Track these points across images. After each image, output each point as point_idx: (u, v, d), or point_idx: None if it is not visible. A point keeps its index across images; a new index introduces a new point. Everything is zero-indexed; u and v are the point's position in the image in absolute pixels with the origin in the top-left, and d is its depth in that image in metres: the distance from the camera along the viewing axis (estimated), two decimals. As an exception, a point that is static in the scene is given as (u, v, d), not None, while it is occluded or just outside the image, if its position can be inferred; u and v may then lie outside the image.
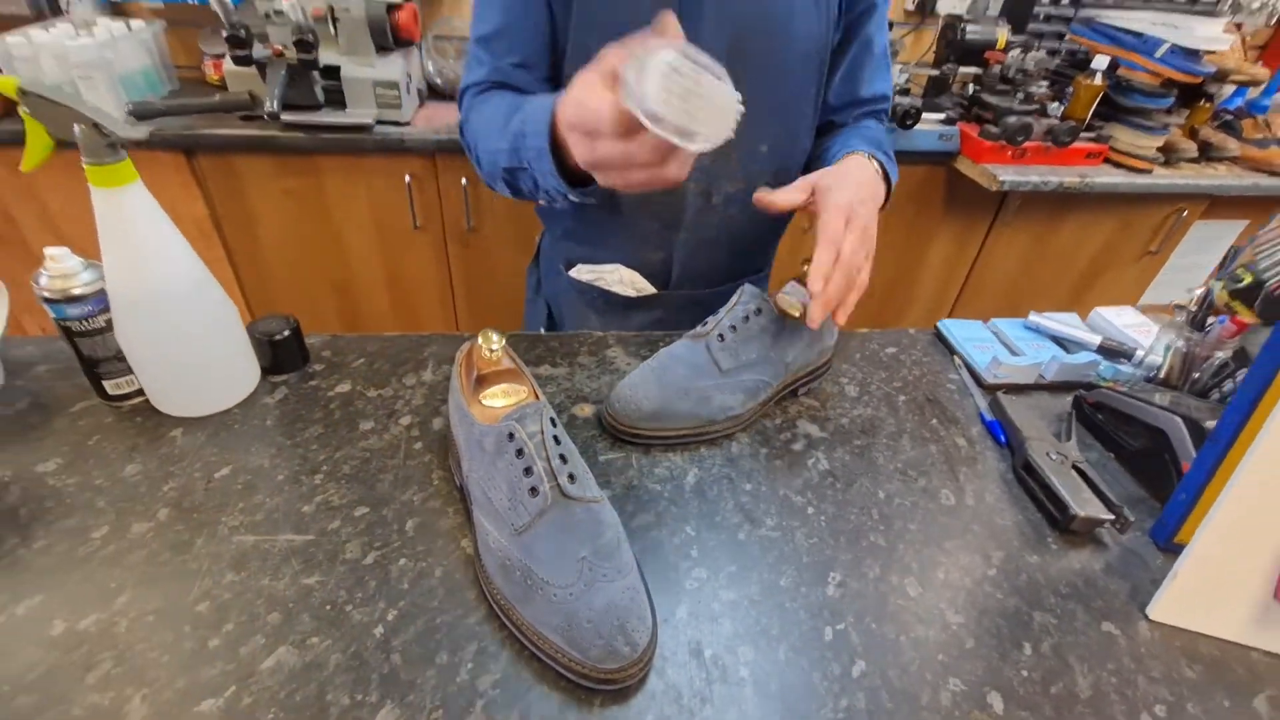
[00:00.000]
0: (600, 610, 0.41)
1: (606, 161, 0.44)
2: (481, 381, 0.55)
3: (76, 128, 0.45)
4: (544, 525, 0.44)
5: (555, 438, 0.46)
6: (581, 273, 0.86)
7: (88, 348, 0.56)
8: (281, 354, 0.65)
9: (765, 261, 0.93)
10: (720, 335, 0.62)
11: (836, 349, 0.75)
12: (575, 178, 0.55)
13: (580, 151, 0.46)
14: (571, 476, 0.45)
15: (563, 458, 0.46)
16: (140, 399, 0.60)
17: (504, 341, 0.53)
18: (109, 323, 0.55)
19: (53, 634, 0.42)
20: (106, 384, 0.58)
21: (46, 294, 0.53)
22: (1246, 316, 0.59)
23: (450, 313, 1.71)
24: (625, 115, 0.38)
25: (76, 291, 0.53)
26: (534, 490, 0.44)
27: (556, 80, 0.72)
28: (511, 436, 0.45)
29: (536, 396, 0.52)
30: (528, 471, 0.45)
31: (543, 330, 0.94)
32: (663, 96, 0.36)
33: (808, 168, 0.79)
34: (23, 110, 0.46)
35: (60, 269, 0.53)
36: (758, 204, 0.63)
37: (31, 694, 0.39)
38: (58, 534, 0.48)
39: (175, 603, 0.44)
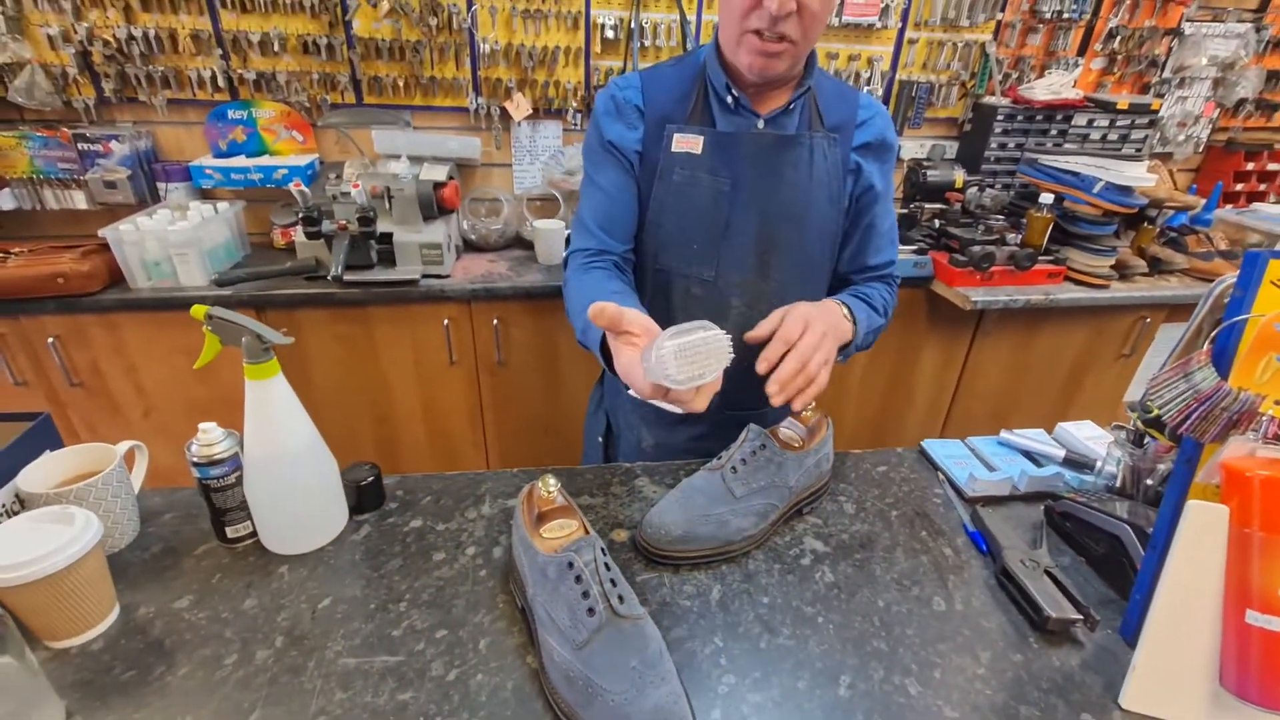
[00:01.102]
0: (650, 712, 0.50)
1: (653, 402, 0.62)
2: (541, 518, 0.67)
3: (244, 339, 0.61)
4: (600, 640, 0.53)
5: (606, 565, 0.57)
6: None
7: (219, 500, 0.68)
8: (365, 496, 0.77)
9: None
10: (733, 468, 0.75)
11: (833, 470, 0.86)
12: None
13: (633, 376, 0.62)
14: (621, 598, 0.56)
15: (612, 581, 0.56)
16: (252, 540, 0.72)
17: (559, 484, 0.65)
18: (238, 479, 0.68)
19: (202, 749, 0.51)
20: (228, 529, 0.70)
21: (196, 459, 0.66)
22: (1162, 441, 0.71)
23: (480, 437, 1.85)
24: (657, 387, 0.58)
25: (218, 456, 0.67)
26: (591, 610, 0.54)
27: (640, 242, 0.93)
28: (571, 565, 0.56)
29: (587, 530, 0.64)
30: (585, 595, 0.55)
31: (600, 439, 1.12)
32: (677, 366, 0.55)
33: None
34: (206, 328, 0.62)
35: (208, 439, 0.67)
36: (749, 341, 0.79)
37: (193, 800, 0.47)
38: (196, 661, 0.58)
39: (297, 718, 0.54)
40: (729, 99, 0.85)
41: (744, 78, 0.83)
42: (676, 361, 0.54)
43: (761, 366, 0.73)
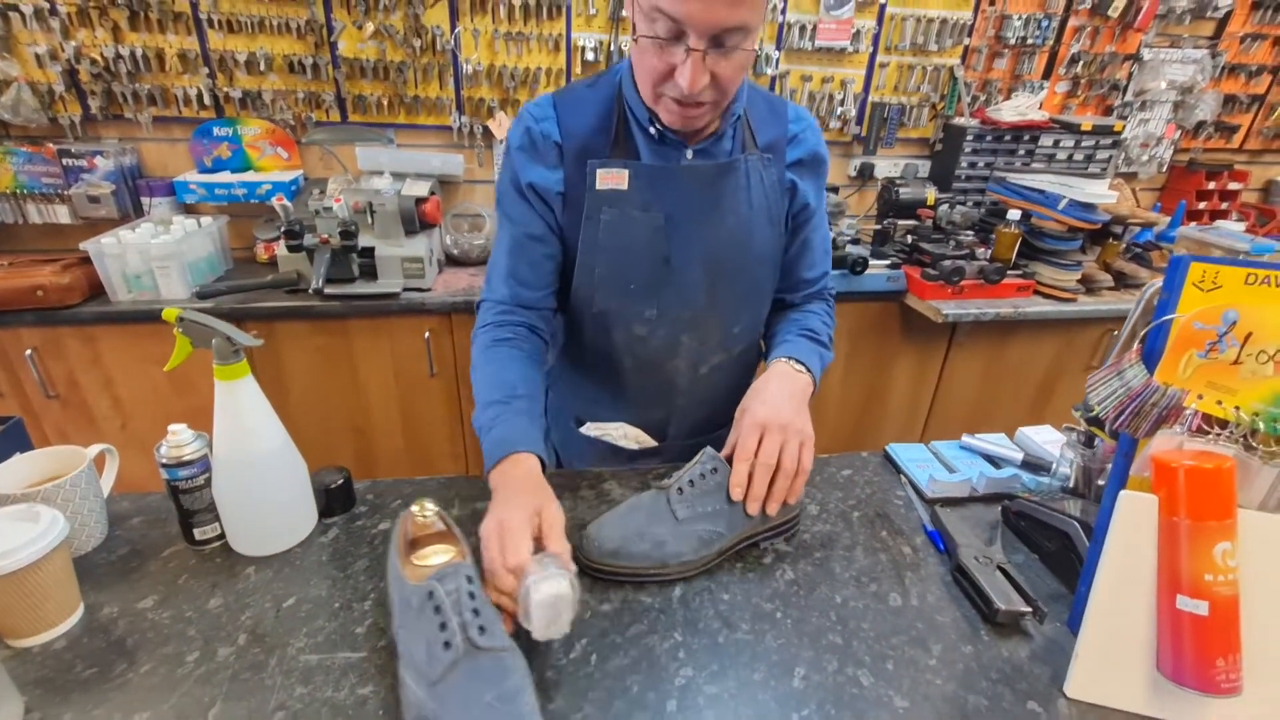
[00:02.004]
0: None
1: (488, 558, 0.59)
2: (415, 544, 0.64)
3: (214, 340, 0.63)
4: (455, 675, 0.49)
5: (471, 594, 0.53)
6: (590, 429, 0.98)
7: (188, 502, 0.69)
8: (334, 499, 0.78)
9: None
10: (679, 489, 0.72)
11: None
12: None
13: (485, 552, 0.60)
14: (482, 629, 0.51)
15: (476, 611, 0.52)
16: (219, 542, 0.73)
17: (436, 508, 0.63)
18: (207, 481, 0.69)
19: (159, 743, 0.52)
20: (195, 531, 0.71)
21: (165, 460, 0.67)
22: (1105, 439, 0.73)
23: (460, 449, 1.85)
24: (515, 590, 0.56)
25: (187, 458, 0.68)
26: (447, 644, 0.50)
27: (565, 284, 0.87)
28: (431, 595, 0.52)
29: (464, 556, 0.61)
30: (443, 626, 0.51)
31: None
32: (537, 617, 0.54)
33: (766, 335, 0.98)
34: (176, 330, 0.63)
35: (177, 440, 0.68)
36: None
37: (148, 791, 0.48)
38: (158, 659, 0.59)
39: (256, 713, 0.54)
40: (652, 130, 0.79)
41: None
42: (543, 613, 0.54)
43: (736, 494, 0.71)
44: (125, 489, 0.80)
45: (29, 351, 1.48)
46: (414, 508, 0.62)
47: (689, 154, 0.80)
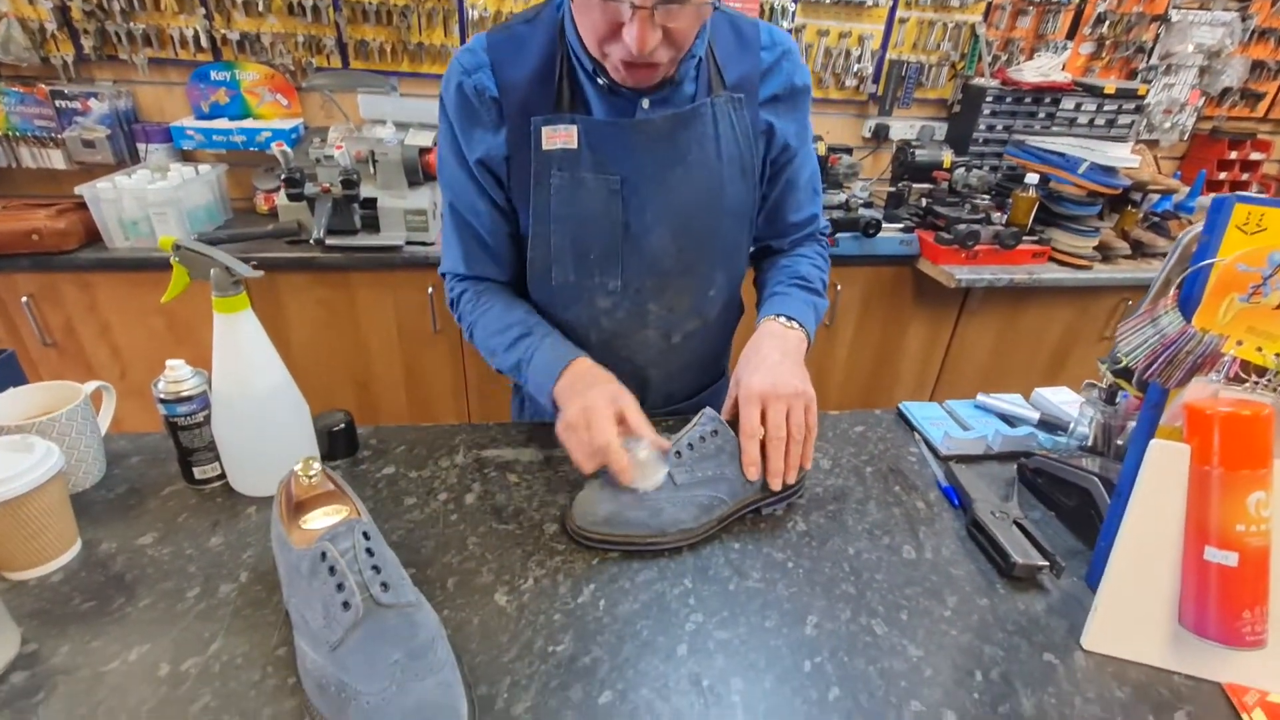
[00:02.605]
0: (411, 709, 0.44)
1: (580, 444, 0.66)
2: (302, 507, 0.60)
3: (212, 271, 0.60)
4: (357, 636, 0.46)
5: (369, 550, 0.50)
6: None
7: (186, 439, 0.68)
8: (337, 443, 0.77)
9: (725, 365, 1.04)
10: (678, 452, 0.67)
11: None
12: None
13: (569, 439, 0.68)
14: (385, 585, 0.48)
15: (376, 568, 0.49)
16: (220, 482, 0.71)
17: (320, 468, 0.59)
18: (206, 418, 0.67)
19: (160, 675, 0.51)
20: (195, 470, 0.69)
21: (163, 395, 0.65)
22: (1131, 392, 0.71)
23: (463, 405, 1.84)
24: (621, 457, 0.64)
25: (185, 394, 0.66)
26: (346, 604, 0.47)
27: (521, 256, 0.82)
28: (324, 556, 0.49)
29: (358, 514, 0.57)
30: (340, 587, 0.47)
31: None
32: (650, 479, 0.66)
33: (756, 284, 0.94)
34: (173, 259, 0.61)
35: (175, 376, 0.66)
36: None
37: (149, 720, 0.47)
38: (159, 594, 0.58)
39: (259, 648, 0.53)
40: (601, 81, 0.70)
41: None
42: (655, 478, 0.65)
43: (752, 473, 0.67)
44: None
45: (25, 298, 1.46)
46: (297, 467, 0.58)
47: (645, 104, 0.72)
